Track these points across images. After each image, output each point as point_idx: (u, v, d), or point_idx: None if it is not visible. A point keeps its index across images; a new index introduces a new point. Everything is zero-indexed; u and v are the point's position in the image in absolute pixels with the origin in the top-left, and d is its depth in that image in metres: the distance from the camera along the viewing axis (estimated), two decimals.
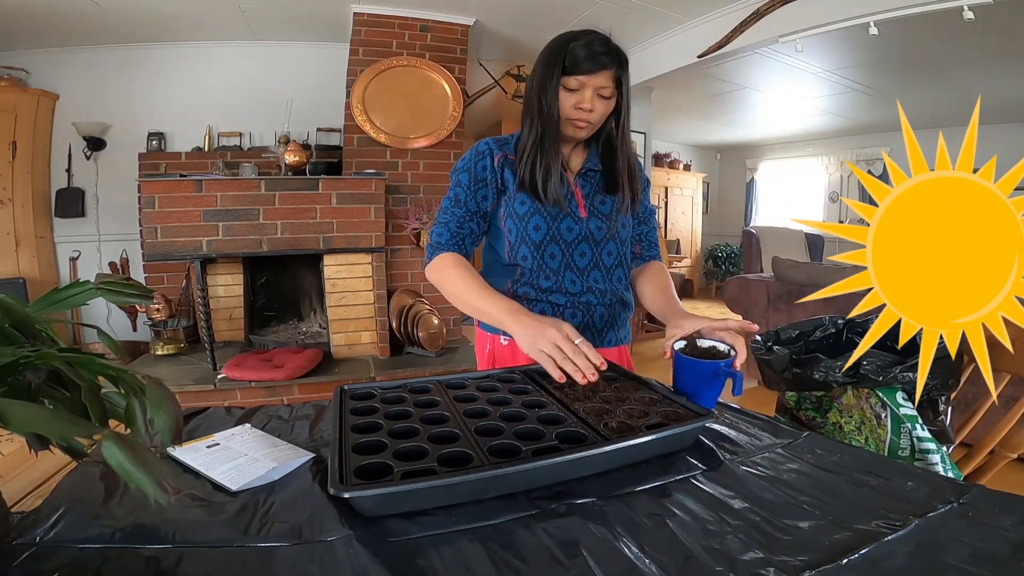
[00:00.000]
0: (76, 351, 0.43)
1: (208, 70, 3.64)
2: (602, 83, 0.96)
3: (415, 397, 0.79)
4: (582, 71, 0.95)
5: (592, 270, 1.07)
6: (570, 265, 1.06)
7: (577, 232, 1.05)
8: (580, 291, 1.07)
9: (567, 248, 1.06)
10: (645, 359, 4.18)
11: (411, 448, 0.62)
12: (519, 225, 1.05)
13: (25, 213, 3.36)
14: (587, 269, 1.07)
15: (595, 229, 1.07)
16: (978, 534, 0.50)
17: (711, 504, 0.57)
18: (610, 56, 0.96)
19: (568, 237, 1.05)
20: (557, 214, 1.04)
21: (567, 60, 0.96)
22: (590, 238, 1.06)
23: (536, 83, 1.01)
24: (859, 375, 0.91)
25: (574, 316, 1.07)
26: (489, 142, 1.08)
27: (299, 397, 2.74)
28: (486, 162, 1.06)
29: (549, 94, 0.98)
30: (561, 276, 1.06)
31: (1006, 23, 2.88)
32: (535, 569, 0.46)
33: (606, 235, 1.07)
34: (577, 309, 1.08)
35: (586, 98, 0.97)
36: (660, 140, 6.91)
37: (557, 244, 1.05)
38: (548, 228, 1.04)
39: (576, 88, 0.97)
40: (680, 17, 3.31)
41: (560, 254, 1.06)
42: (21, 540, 0.50)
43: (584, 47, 0.95)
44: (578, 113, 0.98)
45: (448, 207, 1.07)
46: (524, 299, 1.06)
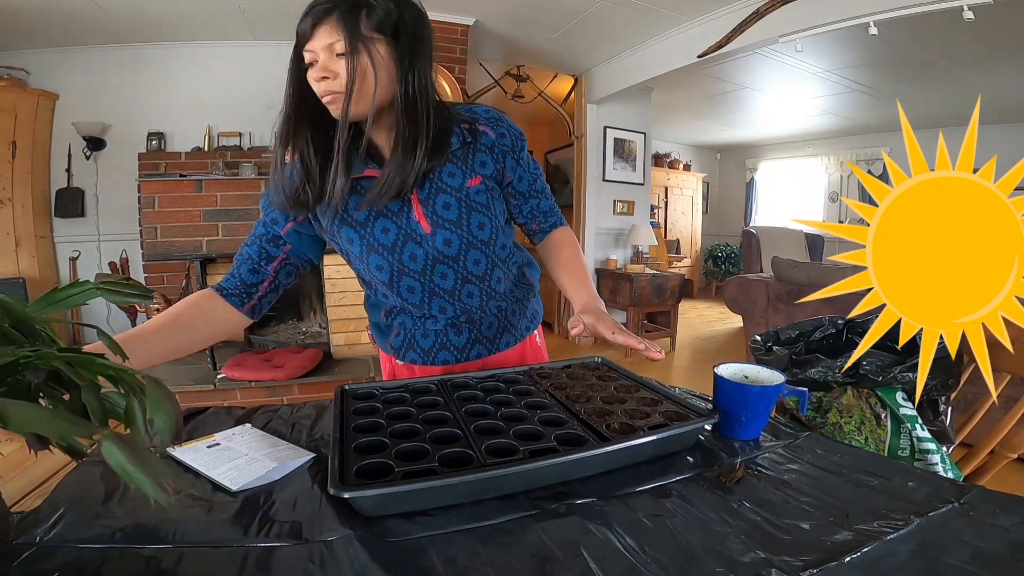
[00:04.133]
0: (76, 351, 0.43)
1: (208, 70, 3.64)
2: (327, 39, 0.72)
3: (416, 397, 0.79)
4: (305, 37, 0.73)
5: (463, 285, 0.90)
6: (434, 292, 0.90)
7: (423, 258, 0.86)
8: (455, 314, 0.93)
9: (421, 276, 0.88)
10: (645, 359, 4.18)
11: (411, 448, 0.62)
12: (362, 267, 0.89)
13: (25, 213, 3.36)
14: (455, 289, 0.90)
15: (443, 246, 0.86)
16: (979, 534, 0.50)
17: (712, 504, 0.57)
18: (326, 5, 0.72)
19: (416, 267, 0.87)
20: (394, 244, 0.85)
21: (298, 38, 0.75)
22: (442, 258, 0.87)
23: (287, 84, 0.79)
24: (859, 375, 0.91)
25: (459, 334, 0.95)
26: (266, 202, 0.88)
27: (299, 397, 2.74)
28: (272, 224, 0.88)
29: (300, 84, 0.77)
30: (428, 305, 0.91)
31: (1006, 23, 2.88)
32: (535, 569, 0.46)
33: (460, 247, 0.87)
34: (462, 327, 0.95)
35: (318, 66, 0.73)
36: (660, 140, 6.91)
37: (409, 276, 0.88)
38: (391, 265, 0.86)
39: (312, 60, 0.74)
40: (680, 17, 3.31)
41: (418, 285, 0.89)
42: (21, 540, 0.50)
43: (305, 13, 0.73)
44: (322, 86, 0.74)
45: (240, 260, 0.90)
46: (403, 327, 0.96)
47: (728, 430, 0.75)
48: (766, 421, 0.77)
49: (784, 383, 0.75)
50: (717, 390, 0.77)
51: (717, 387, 0.77)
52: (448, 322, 0.95)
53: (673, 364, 4.14)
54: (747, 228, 6.39)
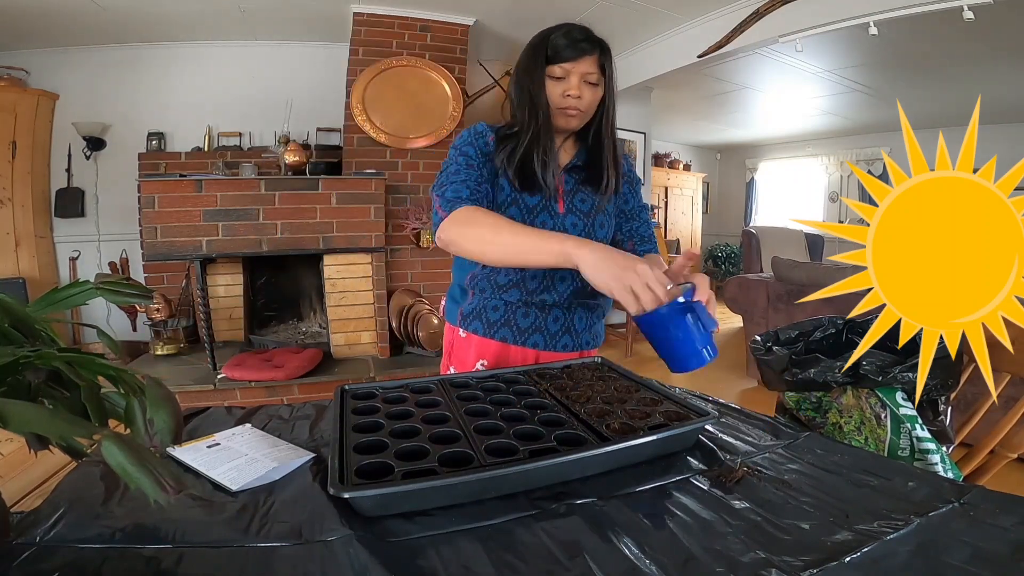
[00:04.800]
0: (76, 351, 0.43)
1: (208, 70, 3.64)
2: (587, 69, 0.96)
3: (416, 397, 0.79)
4: (565, 58, 0.95)
5: (563, 270, 1.00)
6: None
7: (551, 227, 1.02)
8: (538, 288, 1.03)
9: None
10: (645, 359, 4.18)
11: (412, 448, 0.62)
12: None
13: (25, 213, 3.36)
14: (554, 271, 1.02)
15: (570, 227, 1.04)
16: (979, 534, 0.50)
17: (712, 504, 0.57)
18: (591, 43, 0.96)
19: None
20: (534, 206, 1.01)
21: (549, 51, 0.96)
22: None
23: (522, 76, 1.00)
24: (859, 375, 0.91)
25: (526, 316, 1.05)
26: (485, 125, 1.06)
27: (299, 397, 2.74)
28: (487, 139, 1.04)
29: (536, 85, 0.98)
30: (524, 274, 1.03)
31: (1006, 23, 2.88)
32: (535, 569, 0.46)
33: (581, 233, 1.04)
34: (530, 308, 1.05)
35: (572, 85, 0.96)
36: (660, 140, 6.91)
37: None
38: (522, 219, 1.01)
39: (562, 76, 0.97)
40: (680, 17, 3.31)
41: None
42: (21, 540, 0.50)
43: (564, 36, 0.96)
44: (567, 101, 0.97)
45: (459, 170, 0.99)
46: (481, 294, 1.06)
47: (676, 364, 0.74)
48: (702, 340, 0.74)
49: (689, 289, 0.74)
50: (644, 333, 0.76)
51: (641, 328, 0.76)
52: (522, 300, 1.04)
53: None
54: (747, 228, 6.39)
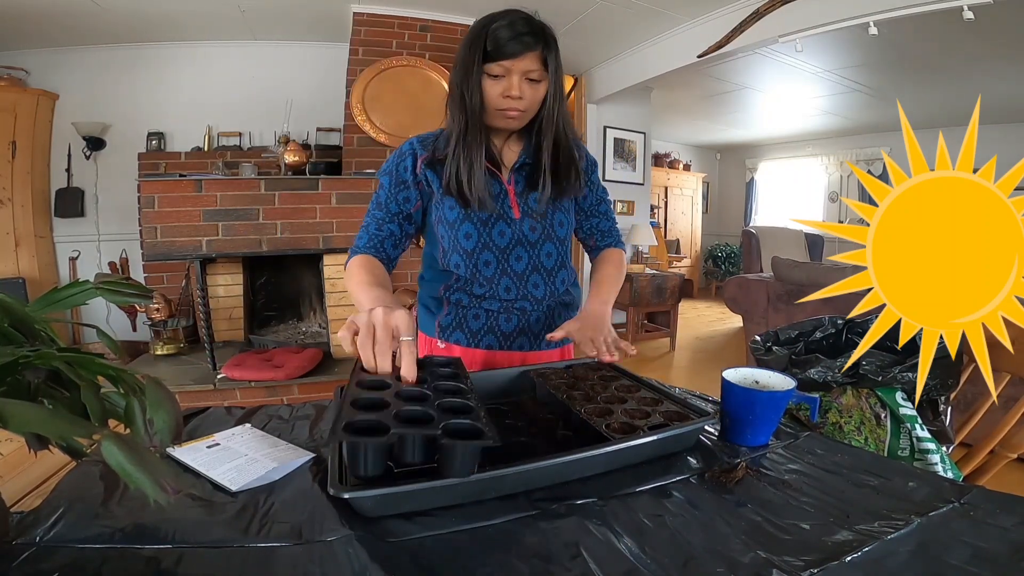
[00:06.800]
0: (76, 351, 0.43)
1: (208, 70, 3.64)
2: (528, 66, 0.87)
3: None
4: (505, 55, 0.86)
5: (531, 274, 1.02)
6: (506, 271, 1.01)
7: (510, 236, 0.99)
8: (515, 297, 1.02)
9: (501, 254, 1.00)
10: (645, 359, 4.19)
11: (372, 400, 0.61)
12: (450, 233, 0.99)
13: (25, 213, 3.36)
14: (525, 273, 1.02)
15: (528, 231, 1.00)
16: (979, 534, 0.51)
17: (712, 505, 0.57)
18: (535, 36, 0.87)
19: (501, 243, 0.99)
20: (488, 219, 0.98)
21: (488, 45, 0.86)
22: (524, 241, 1.00)
23: (456, 72, 0.92)
24: (859, 375, 0.91)
25: (508, 320, 1.04)
26: (413, 142, 1.01)
27: (299, 397, 2.74)
28: (407, 163, 0.99)
29: (472, 83, 0.89)
30: (496, 283, 1.01)
31: (1006, 23, 2.88)
32: (535, 569, 0.46)
33: (540, 236, 1.01)
34: (512, 314, 1.03)
35: (513, 84, 0.88)
36: (660, 140, 6.91)
37: (490, 251, 0.99)
38: (479, 235, 0.98)
39: (501, 74, 0.88)
40: (680, 17, 3.31)
41: (495, 261, 1.00)
42: (21, 540, 0.50)
43: (507, 28, 0.86)
44: (507, 102, 0.89)
45: (371, 210, 1.01)
46: (457, 305, 1.04)
47: (736, 436, 0.74)
48: (775, 427, 0.76)
49: (794, 389, 0.74)
50: (725, 395, 0.75)
51: (725, 392, 0.75)
52: (503, 307, 1.02)
53: (673, 364, 4.14)
54: (747, 228, 6.39)
